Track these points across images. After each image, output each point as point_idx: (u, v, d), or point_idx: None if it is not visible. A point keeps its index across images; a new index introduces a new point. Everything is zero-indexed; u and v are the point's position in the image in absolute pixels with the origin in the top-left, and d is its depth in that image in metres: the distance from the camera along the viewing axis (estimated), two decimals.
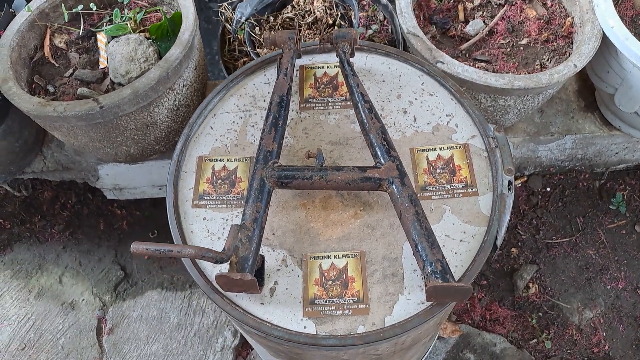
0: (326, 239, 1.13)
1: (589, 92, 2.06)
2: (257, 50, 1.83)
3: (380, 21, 1.86)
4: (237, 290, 1.04)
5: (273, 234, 1.14)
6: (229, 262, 1.01)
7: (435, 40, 1.77)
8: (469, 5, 1.82)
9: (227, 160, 1.22)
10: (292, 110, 1.29)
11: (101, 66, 1.70)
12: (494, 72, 1.68)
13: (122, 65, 1.61)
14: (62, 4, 1.76)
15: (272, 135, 1.15)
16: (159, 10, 1.73)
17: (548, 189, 2.20)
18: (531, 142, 2.01)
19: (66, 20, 1.78)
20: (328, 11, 1.78)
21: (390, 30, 1.83)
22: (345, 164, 1.15)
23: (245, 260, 1.01)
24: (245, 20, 1.66)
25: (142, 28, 1.73)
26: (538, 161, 2.13)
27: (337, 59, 1.29)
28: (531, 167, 2.17)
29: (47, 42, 1.75)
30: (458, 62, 1.59)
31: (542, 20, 1.78)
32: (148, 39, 1.71)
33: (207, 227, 1.15)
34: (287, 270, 1.10)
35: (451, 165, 1.18)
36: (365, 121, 1.15)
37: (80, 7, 1.76)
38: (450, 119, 1.25)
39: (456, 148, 1.20)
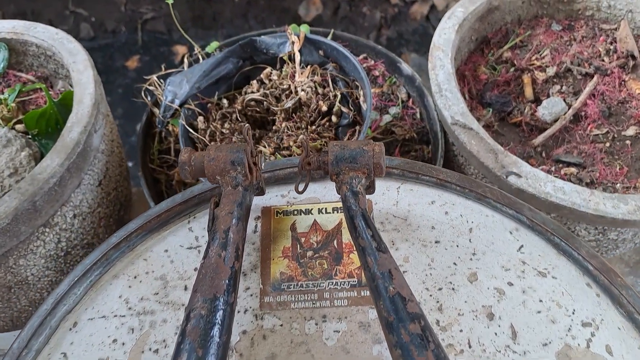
0: None
1: None
2: None
3: (403, 101, 1.18)
4: None
5: None
6: None
7: (491, 130, 1.12)
8: (540, 76, 1.17)
9: None
10: (245, 312, 0.60)
11: None
12: (591, 182, 1.03)
13: None
14: None
15: None
16: (41, 88, 1.07)
17: None
18: (630, 274, 1.34)
19: None
20: (320, 90, 1.06)
21: (419, 115, 1.16)
22: None
23: None
24: (180, 106, 0.99)
25: (20, 117, 1.07)
26: None
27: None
28: None
29: None
30: (543, 172, 0.93)
31: None
32: (26, 134, 1.04)
33: None
34: None
35: None
36: (388, 310, 0.46)
37: None
38: (592, 335, 0.56)
39: None
